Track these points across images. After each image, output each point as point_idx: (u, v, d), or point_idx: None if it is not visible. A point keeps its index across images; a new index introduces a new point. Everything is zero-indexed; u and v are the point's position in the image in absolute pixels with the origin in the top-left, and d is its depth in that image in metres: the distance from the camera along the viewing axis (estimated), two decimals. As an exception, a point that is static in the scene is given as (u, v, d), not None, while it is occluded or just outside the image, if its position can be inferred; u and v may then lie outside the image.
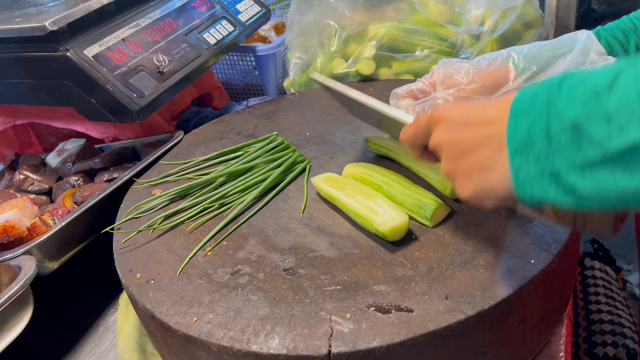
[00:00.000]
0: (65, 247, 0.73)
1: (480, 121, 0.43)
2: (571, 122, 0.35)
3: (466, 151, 0.44)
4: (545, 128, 0.37)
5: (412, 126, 0.54)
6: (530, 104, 0.39)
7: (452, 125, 0.46)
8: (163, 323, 0.56)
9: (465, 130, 0.44)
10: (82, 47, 0.83)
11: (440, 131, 0.47)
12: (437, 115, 0.48)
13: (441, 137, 0.47)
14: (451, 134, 0.46)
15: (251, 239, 0.65)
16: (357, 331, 0.50)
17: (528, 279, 0.52)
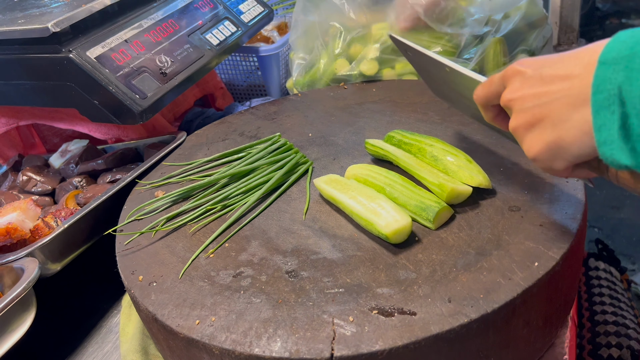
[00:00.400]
0: (68, 249, 0.73)
1: (559, 75, 0.40)
2: None
3: (539, 105, 0.41)
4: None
5: (485, 84, 0.52)
6: (630, 54, 0.34)
7: (527, 80, 0.43)
8: (165, 326, 0.55)
9: (541, 85, 0.42)
10: (85, 48, 0.83)
11: (514, 86, 0.45)
12: (512, 70, 0.46)
13: (514, 92, 0.45)
14: (525, 89, 0.43)
15: (253, 241, 0.65)
16: (360, 334, 0.49)
17: (532, 282, 0.51)
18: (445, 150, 0.68)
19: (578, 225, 0.57)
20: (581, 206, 0.60)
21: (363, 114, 0.90)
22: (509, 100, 0.45)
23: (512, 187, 0.65)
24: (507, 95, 0.46)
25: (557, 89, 0.40)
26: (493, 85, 0.50)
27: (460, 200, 0.64)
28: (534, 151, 0.43)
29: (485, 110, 0.54)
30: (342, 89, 1.00)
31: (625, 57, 0.35)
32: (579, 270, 0.64)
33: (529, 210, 0.60)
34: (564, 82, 0.39)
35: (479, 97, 0.53)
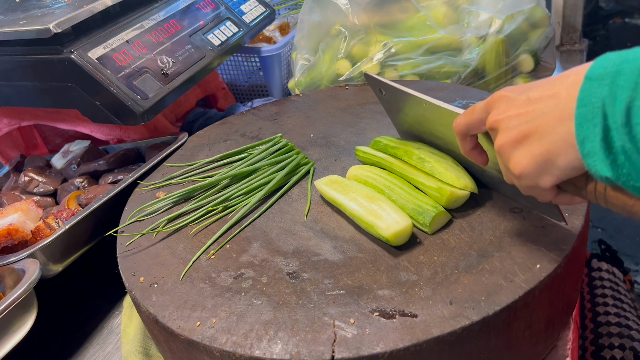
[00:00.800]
0: (69, 250, 0.73)
1: (545, 95, 0.41)
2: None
3: (527, 122, 0.42)
4: (627, 101, 0.34)
5: (467, 112, 0.51)
6: (615, 70, 0.36)
7: (513, 102, 0.44)
8: (166, 327, 0.55)
9: (527, 105, 0.42)
10: (86, 49, 0.83)
11: (500, 109, 0.45)
12: (497, 96, 0.46)
13: (500, 114, 0.45)
14: (512, 110, 0.44)
15: (255, 242, 0.65)
16: (361, 337, 0.49)
17: (534, 284, 0.51)
18: (432, 153, 0.68)
19: (580, 226, 0.57)
20: (583, 208, 0.59)
21: (365, 114, 0.89)
22: (495, 121, 0.45)
23: (514, 188, 0.65)
24: (493, 117, 0.46)
25: (543, 106, 0.40)
26: (475, 113, 0.49)
27: (457, 205, 0.63)
28: (521, 166, 0.43)
29: (463, 141, 0.53)
30: (344, 90, 0.99)
31: (610, 73, 0.36)
32: (581, 272, 0.64)
33: (531, 212, 0.60)
34: (551, 99, 0.40)
35: (459, 125, 0.52)
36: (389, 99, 0.71)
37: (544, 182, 0.43)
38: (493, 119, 0.46)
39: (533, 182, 0.44)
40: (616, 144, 0.36)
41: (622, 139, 0.35)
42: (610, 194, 0.42)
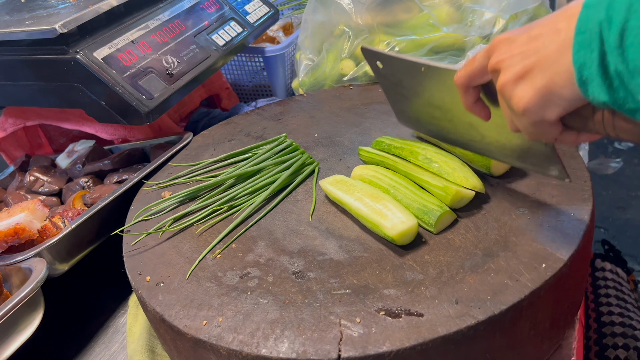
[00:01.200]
0: (76, 249, 0.73)
1: (546, 31, 0.41)
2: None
3: (529, 57, 0.42)
4: (622, 23, 0.35)
5: (468, 62, 0.50)
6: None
7: (514, 42, 0.44)
8: (173, 326, 0.56)
9: (529, 42, 0.42)
10: (92, 49, 0.84)
11: (501, 51, 0.45)
12: (497, 40, 0.46)
13: (502, 55, 0.45)
14: (513, 49, 0.43)
15: (260, 242, 0.65)
16: (367, 336, 0.49)
17: (539, 283, 0.51)
18: (438, 153, 0.68)
19: (585, 226, 0.57)
20: (589, 207, 0.59)
21: (369, 114, 0.90)
22: (497, 62, 0.45)
23: (519, 188, 0.65)
24: (495, 59, 0.45)
25: (544, 40, 0.41)
26: (476, 61, 0.49)
27: (462, 205, 0.63)
28: (525, 101, 0.43)
29: (465, 94, 0.53)
30: (348, 90, 1.00)
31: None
32: (586, 272, 0.64)
33: (536, 212, 0.60)
34: (551, 34, 0.40)
35: (460, 76, 0.52)
36: (386, 72, 0.69)
37: (550, 114, 0.43)
38: (495, 61, 0.45)
39: (538, 117, 0.43)
40: (611, 68, 0.36)
41: (615, 61, 0.36)
42: (618, 121, 0.42)
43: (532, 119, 0.44)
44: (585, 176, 0.64)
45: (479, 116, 0.54)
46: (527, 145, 0.57)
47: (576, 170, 0.66)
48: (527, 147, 0.57)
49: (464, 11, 0.98)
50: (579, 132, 0.46)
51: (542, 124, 0.44)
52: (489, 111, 0.54)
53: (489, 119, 0.54)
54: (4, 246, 0.70)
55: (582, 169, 0.66)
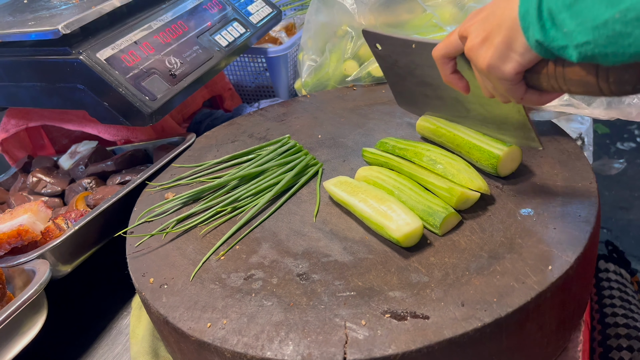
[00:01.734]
0: (79, 250, 0.73)
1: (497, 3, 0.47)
2: None
3: (489, 21, 0.47)
4: None
5: (445, 38, 0.57)
6: None
7: (479, 12, 0.50)
8: (177, 328, 0.55)
9: (490, 9, 0.48)
10: (95, 50, 0.83)
11: (470, 19, 0.51)
12: (470, 15, 0.52)
13: (467, 22, 0.51)
14: (477, 16, 0.50)
15: (264, 244, 0.65)
16: (373, 338, 0.49)
17: (546, 285, 0.51)
18: (443, 154, 0.67)
19: (591, 227, 0.57)
20: (594, 208, 0.59)
21: (372, 115, 0.89)
22: (464, 29, 0.51)
23: (524, 189, 0.64)
24: (462, 27, 0.52)
25: (502, 5, 0.46)
26: (452, 35, 0.55)
27: (467, 206, 0.63)
28: (487, 58, 0.48)
29: (444, 66, 0.58)
30: (351, 91, 0.99)
31: None
32: (592, 273, 0.64)
33: (542, 213, 0.60)
34: (498, 5, 0.47)
35: (438, 49, 0.58)
36: (384, 54, 0.75)
37: (508, 69, 0.47)
38: (462, 28, 0.52)
39: (499, 73, 0.48)
40: (544, 7, 0.40)
41: (548, 1, 0.40)
42: (566, 72, 0.46)
43: (495, 75, 0.48)
44: (590, 177, 0.64)
45: (458, 88, 0.59)
46: (504, 115, 0.64)
47: (581, 172, 0.65)
48: (504, 117, 0.64)
49: (467, 11, 0.98)
50: (541, 92, 0.50)
51: (505, 82, 0.49)
52: (467, 83, 0.59)
53: (468, 91, 0.60)
54: (7, 248, 0.70)
55: (587, 170, 0.66)
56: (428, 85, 0.71)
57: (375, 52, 0.76)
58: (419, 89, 0.74)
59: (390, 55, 0.73)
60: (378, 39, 0.73)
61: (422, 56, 0.67)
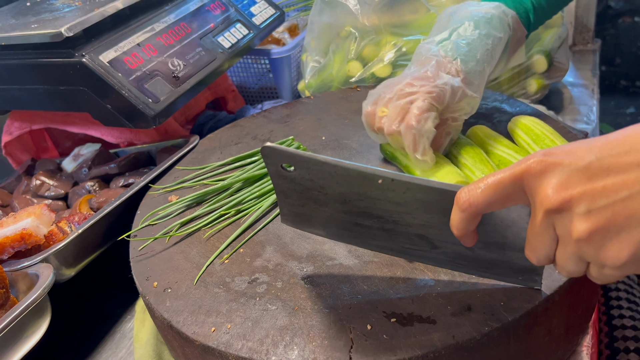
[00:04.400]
0: (82, 254, 0.73)
1: (634, 162, 0.33)
2: None
3: (622, 200, 0.34)
4: None
5: (488, 186, 0.39)
6: None
7: (580, 173, 0.35)
8: (181, 333, 0.55)
9: (609, 175, 0.34)
10: (98, 52, 0.83)
11: (559, 181, 0.35)
12: (539, 163, 0.36)
13: (565, 190, 0.35)
14: (585, 183, 0.35)
15: (268, 247, 0.64)
16: (378, 343, 0.49)
17: (554, 289, 0.50)
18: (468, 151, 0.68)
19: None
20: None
21: (377, 116, 0.89)
22: (565, 200, 0.35)
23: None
24: (559, 195, 0.35)
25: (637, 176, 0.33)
26: (502, 186, 0.39)
27: None
28: (625, 255, 0.34)
29: (471, 221, 0.42)
30: (355, 92, 0.99)
31: None
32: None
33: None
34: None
35: (477, 203, 0.40)
36: (298, 176, 0.52)
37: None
38: (560, 197, 0.35)
39: (633, 270, 0.36)
40: None
41: None
42: None
43: (623, 273, 0.36)
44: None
45: (466, 242, 0.45)
46: (505, 259, 0.49)
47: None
48: (504, 260, 0.49)
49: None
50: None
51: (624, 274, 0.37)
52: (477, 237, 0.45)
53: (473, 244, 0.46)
54: (11, 252, 0.70)
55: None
56: (374, 218, 0.51)
57: (278, 173, 0.53)
58: (350, 217, 0.53)
59: (312, 180, 0.51)
60: (286, 160, 0.51)
61: (390, 192, 0.48)
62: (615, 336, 1.00)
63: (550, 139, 0.67)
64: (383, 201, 0.49)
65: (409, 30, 0.99)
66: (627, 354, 0.95)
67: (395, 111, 0.65)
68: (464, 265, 0.52)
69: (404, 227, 0.51)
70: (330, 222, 0.55)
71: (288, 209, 0.56)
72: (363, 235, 0.54)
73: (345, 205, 0.52)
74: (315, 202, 0.54)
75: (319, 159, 0.49)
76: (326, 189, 0.52)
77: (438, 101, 0.64)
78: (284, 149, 0.50)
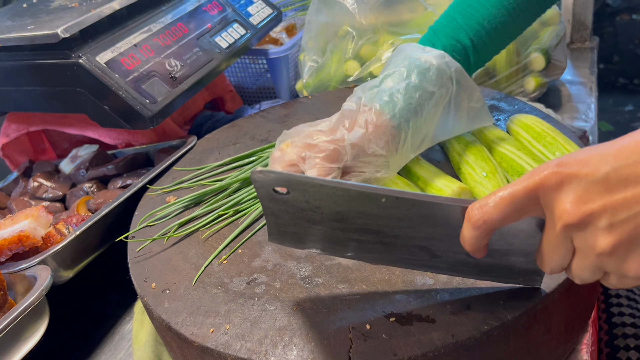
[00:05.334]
0: (80, 255, 0.73)
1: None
2: None
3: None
4: None
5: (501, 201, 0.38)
6: None
7: (597, 185, 0.33)
8: (179, 334, 0.55)
9: (628, 187, 0.33)
10: (94, 53, 0.83)
11: (576, 195, 0.34)
12: (554, 175, 0.35)
13: (585, 204, 0.34)
14: (604, 196, 0.33)
15: (267, 247, 0.64)
16: (377, 342, 0.48)
17: (553, 287, 0.50)
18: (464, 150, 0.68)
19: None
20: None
21: (375, 115, 0.88)
22: (586, 215, 0.34)
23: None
24: (579, 209, 0.34)
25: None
26: (516, 200, 0.37)
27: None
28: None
29: (484, 237, 0.41)
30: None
31: None
32: (599, 274, 0.63)
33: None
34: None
35: (490, 219, 0.39)
36: (293, 199, 0.49)
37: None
38: (581, 212, 0.34)
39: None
40: None
41: None
42: None
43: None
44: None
45: (477, 255, 0.44)
46: (508, 263, 0.48)
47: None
48: (506, 264, 0.48)
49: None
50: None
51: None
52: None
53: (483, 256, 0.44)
54: (8, 254, 0.69)
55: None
56: (372, 233, 0.49)
57: (270, 197, 0.49)
58: (346, 234, 0.51)
59: (308, 201, 0.48)
60: (280, 183, 0.47)
61: (391, 210, 0.46)
62: (615, 334, 0.99)
63: (551, 136, 0.67)
64: (384, 217, 0.47)
65: (406, 29, 0.98)
66: (627, 352, 0.95)
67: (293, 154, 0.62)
68: (463, 271, 0.51)
69: (405, 240, 0.49)
70: (324, 239, 0.52)
71: (277, 229, 0.53)
72: (358, 249, 0.52)
73: (342, 223, 0.49)
74: (308, 221, 0.50)
75: (317, 181, 0.46)
76: (322, 208, 0.49)
77: (331, 160, 0.60)
78: (277, 173, 0.47)
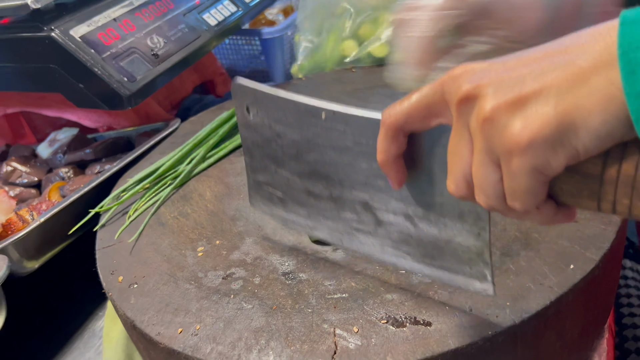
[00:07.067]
0: (46, 245, 0.67)
1: (552, 52, 0.31)
2: None
3: (532, 78, 0.31)
4: None
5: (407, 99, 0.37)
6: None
7: (498, 68, 0.33)
8: (144, 334, 0.49)
9: (524, 66, 0.32)
10: (69, 27, 0.77)
11: (478, 75, 0.33)
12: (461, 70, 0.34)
13: (481, 78, 0.33)
14: (500, 73, 0.33)
15: (248, 238, 0.58)
16: (366, 348, 0.43)
17: (567, 287, 0.44)
18: None
19: (620, 221, 0.50)
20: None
21: (373, 99, 0.82)
22: (474, 87, 0.33)
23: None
24: (468, 85, 0.33)
25: (555, 60, 0.31)
26: (423, 96, 0.36)
27: None
28: (532, 130, 0.31)
29: (393, 140, 0.38)
30: (351, 73, 0.92)
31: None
32: (618, 273, 0.57)
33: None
34: (563, 55, 0.31)
35: (396, 115, 0.37)
36: (258, 123, 0.51)
37: (558, 158, 0.31)
38: (469, 86, 0.33)
39: (542, 160, 0.31)
40: None
41: None
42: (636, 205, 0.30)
43: (531, 163, 0.32)
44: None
45: (392, 178, 0.41)
46: (447, 237, 0.42)
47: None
48: (446, 239, 0.42)
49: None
50: (560, 205, 0.34)
51: (537, 176, 0.32)
52: (406, 175, 0.41)
53: (400, 186, 0.41)
54: (-36, 241, 0.64)
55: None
56: (322, 179, 0.47)
57: (243, 119, 0.52)
58: (302, 182, 0.49)
59: (270, 125, 0.50)
60: (252, 99, 0.50)
61: (331, 132, 0.45)
62: (625, 336, 0.95)
63: None
64: (328, 148, 0.46)
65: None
66: (637, 355, 0.91)
67: None
68: (410, 253, 0.44)
69: (349, 190, 0.46)
70: (288, 193, 0.52)
71: (253, 177, 0.55)
72: (316, 210, 0.50)
73: (299, 163, 0.49)
74: (274, 161, 0.52)
75: (275, 93, 0.50)
76: (282, 137, 0.50)
77: None
78: (251, 84, 0.50)
